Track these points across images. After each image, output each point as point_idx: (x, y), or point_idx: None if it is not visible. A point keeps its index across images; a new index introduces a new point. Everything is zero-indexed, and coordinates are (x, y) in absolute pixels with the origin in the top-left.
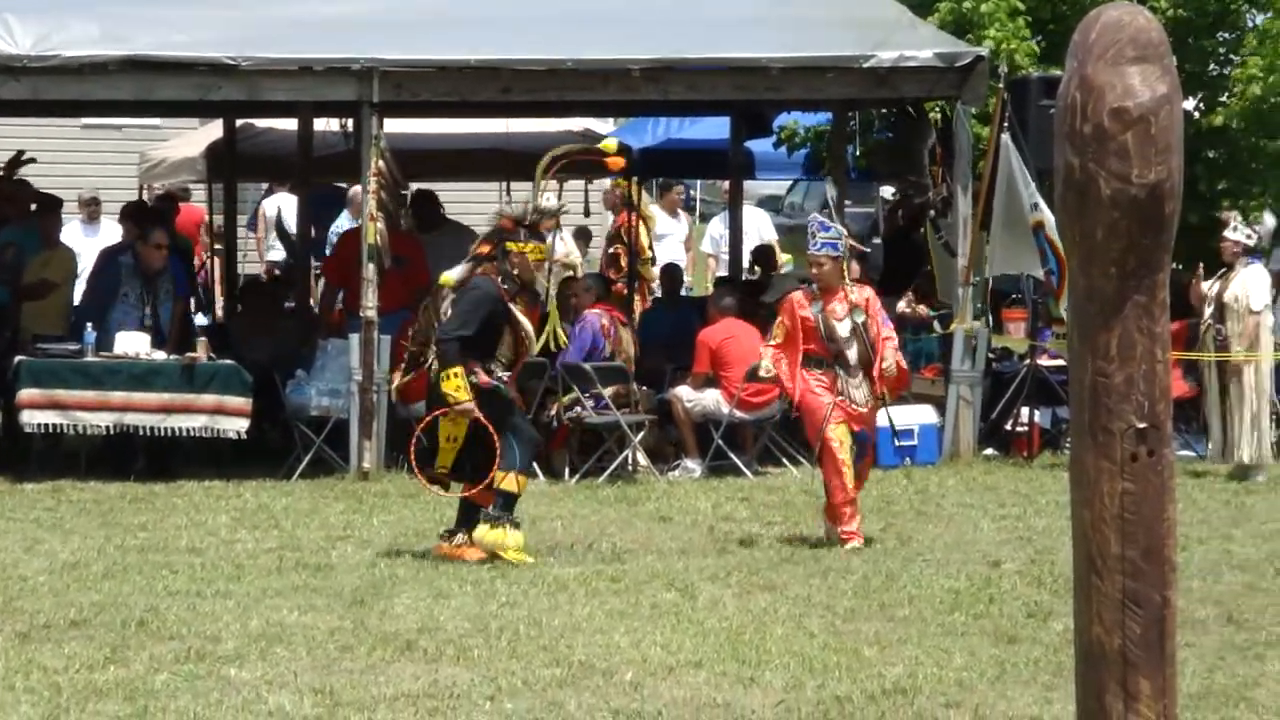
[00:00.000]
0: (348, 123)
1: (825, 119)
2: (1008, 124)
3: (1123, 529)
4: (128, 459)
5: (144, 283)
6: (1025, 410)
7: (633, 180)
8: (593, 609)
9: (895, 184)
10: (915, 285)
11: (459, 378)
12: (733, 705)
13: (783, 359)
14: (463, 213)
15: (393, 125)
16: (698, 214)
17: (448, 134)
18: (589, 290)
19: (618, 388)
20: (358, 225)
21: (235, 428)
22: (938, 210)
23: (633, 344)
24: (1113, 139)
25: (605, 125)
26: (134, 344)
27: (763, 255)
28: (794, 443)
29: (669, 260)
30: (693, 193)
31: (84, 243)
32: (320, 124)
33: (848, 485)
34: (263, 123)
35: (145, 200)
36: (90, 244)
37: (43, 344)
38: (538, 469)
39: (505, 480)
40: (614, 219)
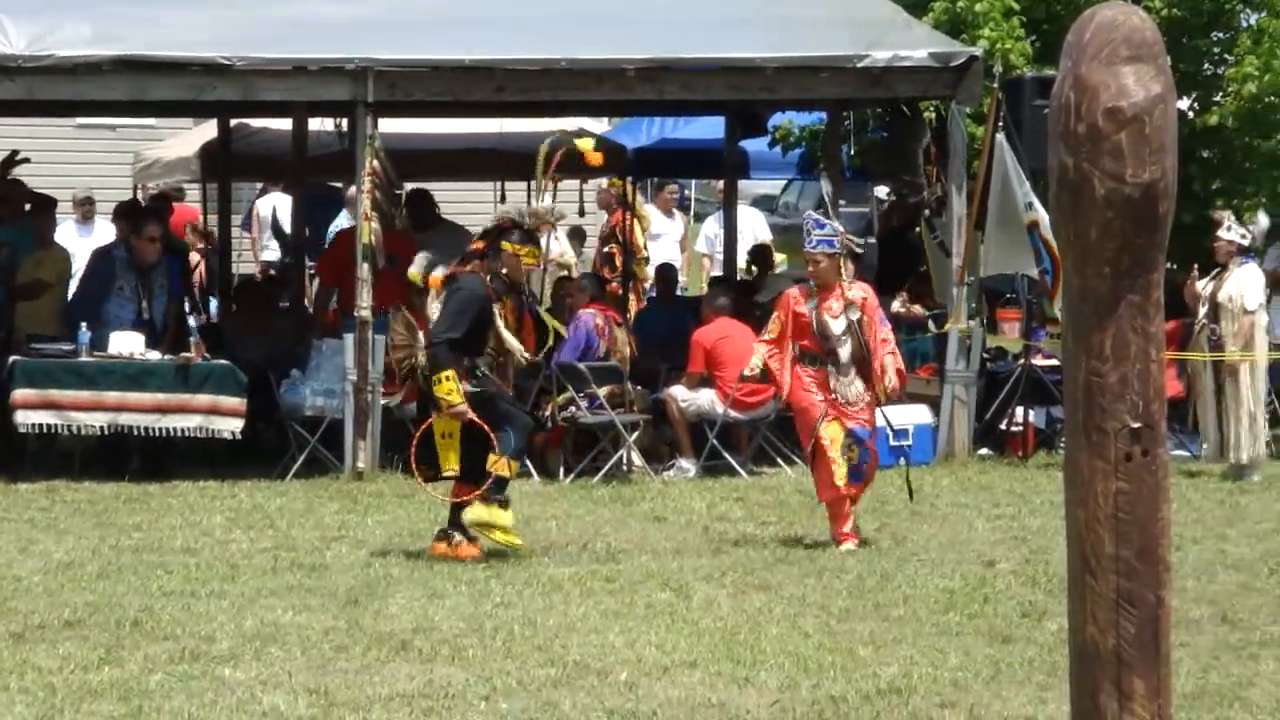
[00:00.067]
0: (342, 123)
1: (820, 119)
2: (1002, 124)
3: (1117, 529)
4: (122, 459)
5: (138, 277)
6: (1020, 410)
7: (627, 180)
8: (588, 609)
9: (890, 184)
10: (909, 285)
11: (451, 380)
12: (727, 705)
13: (775, 353)
14: (457, 212)
15: (387, 125)
16: (692, 213)
17: (442, 134)
18: (584, 290)
19: (612, 387)
20: (353, 225)
21: (230, 428)
22: (932, 210)
23: (628, 344)
24: (1107, 139)
25: (600, 125)
26: (129, 344)
27: (759, 255)
28: (788, 443)
29: (664, 260)
30: (687, 192)
31: (78, 243)
32: (315, 124)
33: (837, 484)
34: (257, 123)
35: (139, 200)
36: (84, 244)
37: (37, 344)
38: (532, 469)
39: (497, 465)
40: (608, 218)
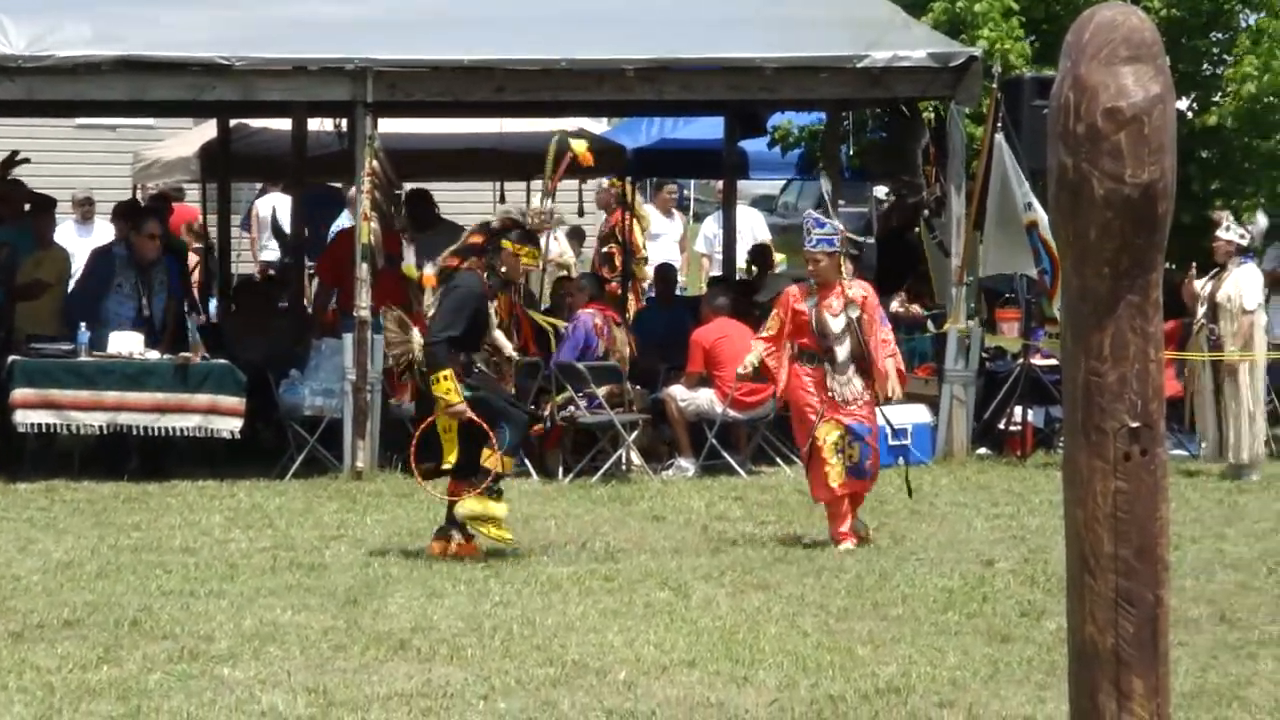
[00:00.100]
0: (342, 123)
1: (819, 119)
2: (1001, 124)
3: (1116, 528)
4: (121, 459)
5: (138, 274)
6: (1019, 409)
7: (626, 180)
8: (586, 608)
9: (889, 184)
10: (908, 285)
11: (450, 380)
12: (726, 704)
13: (773, 351)
14: (457, 213)
15: (387, 125)
16: (691, 214)
17: (442, 134)
18: (583, 290)
19: (611, 387)
20: (354, 225)
21: (229, 427)
22: (931, 210)
23: (627, 344)
24: (1106, 139)
25: (599, 125)
26: (128, 344)
27: (759, 255)
28: (787, 442)
29: (663, 260)
30: (686, 192)
31: (78, 243)
32: (314, 124)
33: (830, 484)
34: (257, 123)
35: (138, 200)
36: (84, 244)
37: (37, 344)
38: (531, 468)
39: (490, 459)
40: (607, 218)
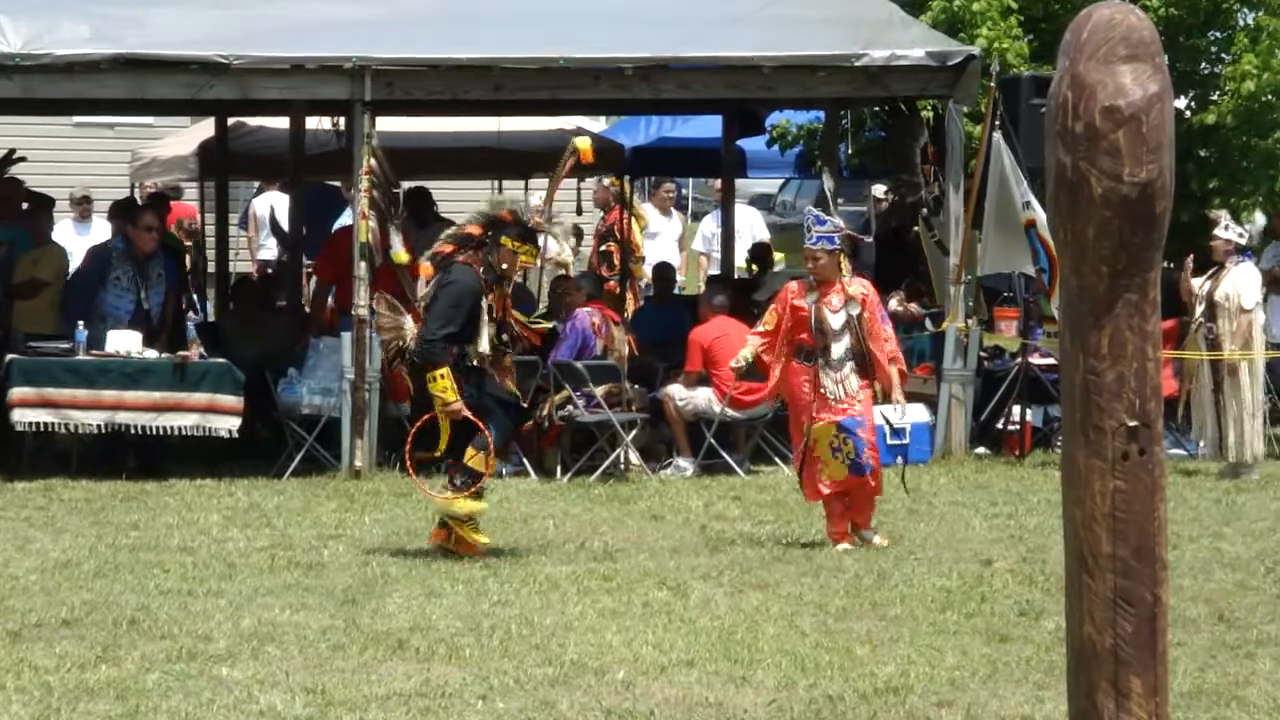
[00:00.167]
0: (340, 121)
1: (817, 117)
2: (999, 123)
3: (1114, 527)
4: (119, 457)
5: (135, 267)
6: (1017, 409)
7: (624, 178)
8: (585, 608)
9: (887, 183)
10: (907, 283)
11: (446, 379)
12: (725, 704)
13: (766, 345)
14: (455, 211)
15: (385, 124)
16: (690, 212)
17: (440, 132)
18: (580, 289)
19: (609, 386)
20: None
21: (227, 426)
22: (930, 209)
23: (626, 342)
24: (1104, 138)
25: (597, 124)
26: (126, 343)
27: (759, 253)
28: (786, 441)
29: (661, 259)
30: (685, 191)
31: (75, 241)
32: (312, 123)
33: (819, 485)
34: (254, 121)
35: (135, 199)
36: (82, 242)
37: (34, 343)
38: (529, 467)
39: (474, 459)
40: (604, 217)
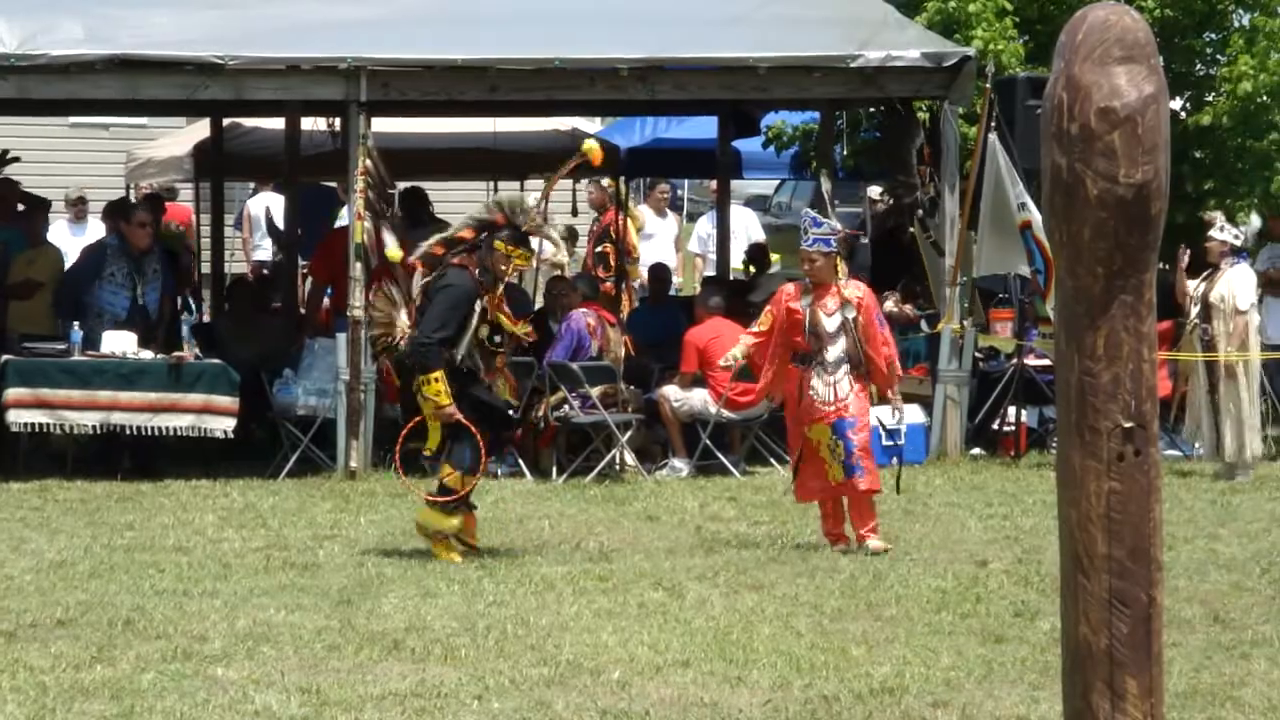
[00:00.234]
0: (335, 122)
1: (813, 118)
2: (994, 124)
3: (1109, 528)
4: (115, 458)
5: (131, 263)
6: (1012, 410)
7: (619, 179)
8: (580, 608)
9: (883, 184)
10: (902, 285)
11: (440, 382)
12: (720, 704)
13: (757, 344)
14: (450, 212)
15: (380, 124)
16: (685, 213)
17: (435, 133)
18: (576, 290)
19: (605, 387)
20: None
21: (222, 427)
22: (925, 210)
23: (622, 343)
24: (1099, 139)
25: (593, 124)
26: (121, 343)
27: (756, 254)
28: (781, 442)
29: (657, 260)
30: (680, 192)
31: (71, 242)
32: (307, 123)
33: (809, 487)
34: (250, 122)
35: (129, 199)
36: (77, 243)
37: (30, 343)
38: (525, 468)
39: (450, 477)
40: (600, 218)
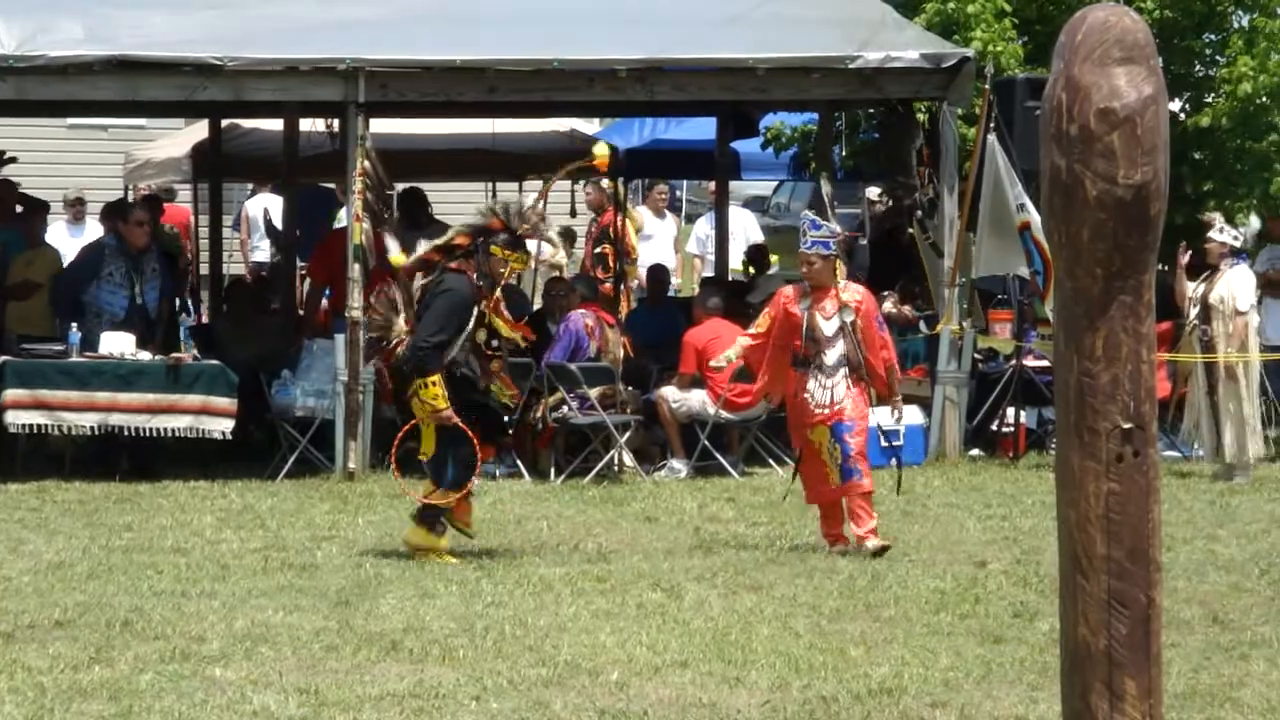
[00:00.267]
0: (333, 123)
1: (812, 119)
2: (994, 125)
3: (1108, 529)
4: (113, 459)
5: (129, 262)
6: (1011, 411)
7: (618, 180)
8: (578, 609)
9: (882, 185)
10: (900, 286)
11: (438, 385)
12: (718, 705)
13: (753, 346)
14: (449, 213)
15: (378, 125)
16: (683, 215)
17: (434, 134)
18: (574, 291)
19: (604, 388)
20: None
21: (220, 428)
22: (924, 211)
23: (620, 344)
24: (1099, 140)
25: (591, 126)
26: (119, 344)
27: (756, 255)
28: (780, 443)
29: (656, 261)
30: (679, 193)
31: (69, 243)
32: (306, 124)
33: (817, 489)
34: (248, 123)
35: (127, 200)
36: (75, 244)
37: (28, 344)
38: (523, 469)
39: (433, 495)
40: (598, 219)
